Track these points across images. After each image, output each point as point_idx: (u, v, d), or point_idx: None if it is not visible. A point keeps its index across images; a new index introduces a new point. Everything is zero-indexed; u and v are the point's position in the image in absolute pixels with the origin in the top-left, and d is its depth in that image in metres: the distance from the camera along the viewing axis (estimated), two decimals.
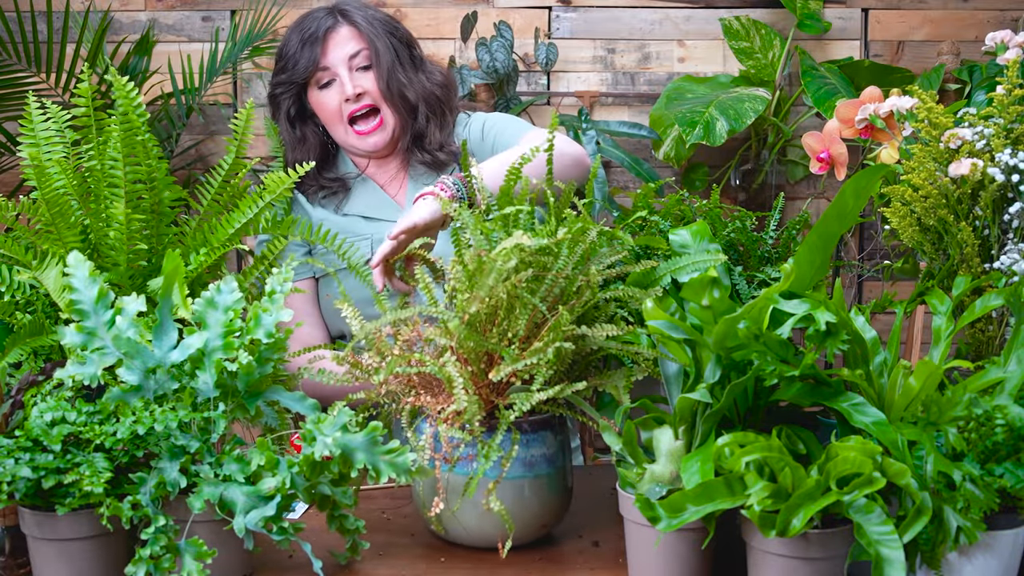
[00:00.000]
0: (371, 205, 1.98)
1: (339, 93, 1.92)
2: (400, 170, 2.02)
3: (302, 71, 1.92)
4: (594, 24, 3.06)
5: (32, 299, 1.44)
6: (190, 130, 3.00)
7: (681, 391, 1.33)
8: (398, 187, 2.01)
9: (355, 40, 1.93)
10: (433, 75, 2.00)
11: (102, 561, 1.26)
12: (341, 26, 1.93)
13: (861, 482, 1.13)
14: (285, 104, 1.98)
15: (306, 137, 1.99)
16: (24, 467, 1.20)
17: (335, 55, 1.92)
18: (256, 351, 1.31)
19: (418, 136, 1.98)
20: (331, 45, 1.92)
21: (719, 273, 1.32)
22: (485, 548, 1.39)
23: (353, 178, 2.00)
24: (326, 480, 1.29)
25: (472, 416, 1.30)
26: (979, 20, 3.07)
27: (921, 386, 1.24)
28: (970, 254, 1.46)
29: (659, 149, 2.87)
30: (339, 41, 1.92)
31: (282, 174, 1.50)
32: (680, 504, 1.16)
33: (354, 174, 2.00)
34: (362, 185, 2.00)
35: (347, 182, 1.99)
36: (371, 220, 1.96)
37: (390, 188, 2.01)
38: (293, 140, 1.99)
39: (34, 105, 1.45)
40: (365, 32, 1.93)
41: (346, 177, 2.00)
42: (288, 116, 1.99)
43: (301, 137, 1.99)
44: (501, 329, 1.34)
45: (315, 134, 2.00)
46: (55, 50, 2.77)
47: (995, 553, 1.19)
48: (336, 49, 1.92)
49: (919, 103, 1.51)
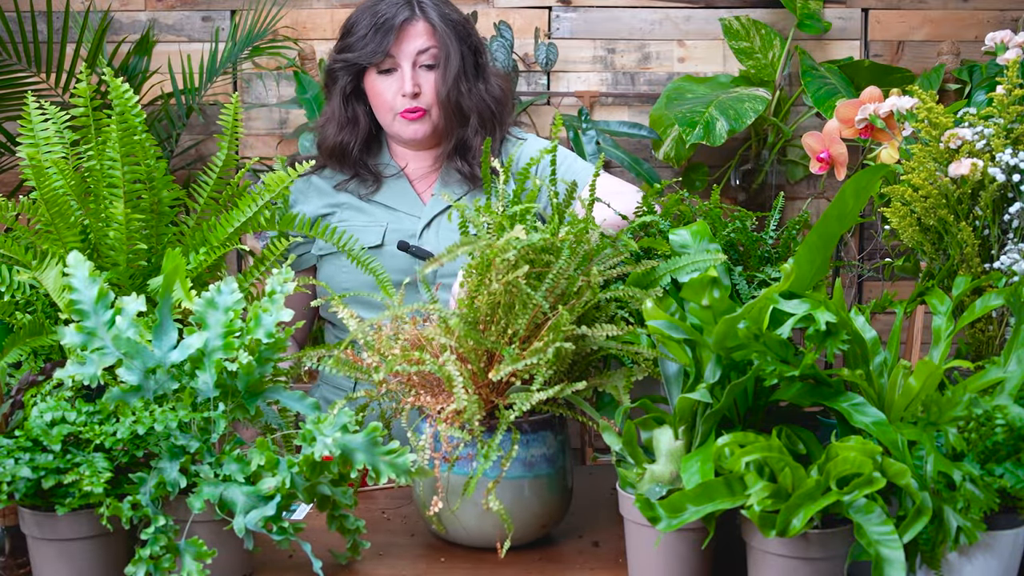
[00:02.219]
0: (396, 197, 1.98)
1: (398, 85, 1.91)
2: (432, 169, 2.02)
3: (369, 55, 1.90)
4: (594, 24, 3.06)
5: (32, 299, 1.44)
6: (190, 130, 3.00)
7: (681, 391, 1.33)
8: (426, 185, 2.01)
9: (427, 37, 1.91)
10: (493, 88, 1.98)
11: (102, 561, 1.26)
12: (417, 20, 1.92)
13: (861, 482, 1.12)
14: (343, 80, 1.95)
15: (358, 118, 1.98)
16: (24, 467, 1.20)
17: (405, 47, 1.90)
18: (256, 351, 1.31)
19: (462, 145, 1.97)
20: (404, 37, 1.90)
21: (719, 273, 1.32)
22: (485, 548, 1.39)
23: (389, 174, 1.99)
24: (326, 480, 1.29)
25: (472, 416, 1.30)
26: (979, 20, 3.07)
27: (921, 386, 1.24)
28: (970, 254, 1.46)
29: (659, 149, 2.87)
30: (412, 35, 1.91)
31: (282, 173, 1.50)
32: (680, 504, 1.16)
33: (392, 169, 2.00)
34: (393, 176, 2.00)
35: (381, 176, 1.99)
36: (391, 209, 1.97)
37: (419, 184, 2.01)
38: (344, 119, 1.97)
39: (33, 105, 1.45)
40: (439, 32, 1.92)
41: (379, 167, 2.00)
42: (343, 93, 1.96)
43: (353, 117, 1.97)
44: (501, 328, 1.34)
45: (366, 116, 1.99)
46: (55, 50, 2.77)
47: (995, 553, 1.19)
48: (408, 42, 1.91)
49: (919, 103, 1.51)
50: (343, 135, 1.97)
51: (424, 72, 1.92)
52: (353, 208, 1.97)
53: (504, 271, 1.31)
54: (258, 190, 1.51)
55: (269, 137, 3.05)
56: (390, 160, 2.02)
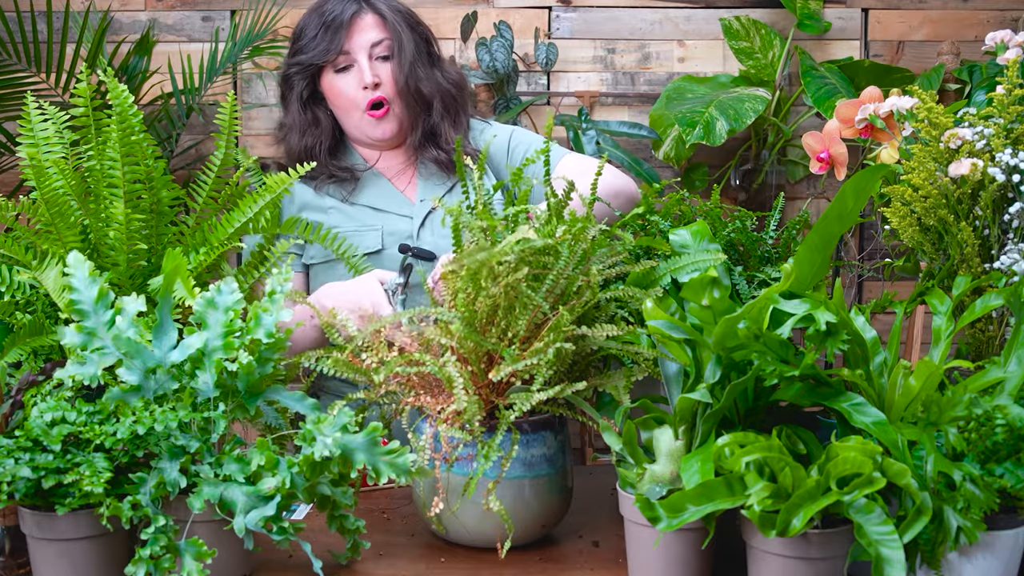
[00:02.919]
0: (381, 197, 1.97)
1: (357, 80, 1.91)
2: (408, 165, 2.01)
3: (322, 54, 1.90)
4: (594, 24, 3.06)
5: (32, 299, 1.44)
6: (190, 130, 3.00)
7: (681, 391, 1.33)
8: (407, 182, 2.00)
9: (378, 29, 1.92)
10: (449, 74, 1.99)
11: (102, 561, 1.26)
12: (366, 13, 1.92)
13: (861, 482, 1.12)
14: (299, 86, 1.95)
15: (319, 119, 1.97)
16: (24, 467, 1.20)
17: (358, 41, 1.91)
18: (256, 351, 1.31)
19: (431, 133, 1.97)
20: (354, 31, 1.91)
21: (719, 273, 1.32)
22: (485, 548, 1.39)
23: (362, 170, 1.99)
24: (326, 480, 1.29)
25: (472, 416, 1.30)
26: (979, 20, 3.07)
27: (921, 386, 1.24)
28: (970, 254, 1.46)
29: (659, 149, 2.87)
30: (363, 28, 1.91)
31: (283, 174, 1.50)
32: (680, 504, 1.16)
33: (363, 166, 1.99)
34: (371, 177, 1.99)
35: (356, 172, 1.98)
36: (380, 212, 1.95)
37: (398, 182, 2.00)
38: (305, 123, 1.97)
39: (33, 105, 1.45)
40: (390, 22, 1.92)
41: (355, 167, 1.99)
42: (301, 98, 1.96)
43: (314, 119, 1.97)
44: (501, 329, 1.34)
45: (327, 117, 1.98)
46: (55, 50, 2.77)
47: (995, 553, 1.19)
48: (359, 35, 1.91)
49: (919, 103, 1.51)
50: (307, 139, 1.96)
51: (381, 63, 1.92)
52: (342, 213, 1.95)
53: (504, 274, 1.31)
54: (258, 189, 1.51)
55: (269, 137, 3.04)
56: (358, 159, 2.01)
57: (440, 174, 1.98)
